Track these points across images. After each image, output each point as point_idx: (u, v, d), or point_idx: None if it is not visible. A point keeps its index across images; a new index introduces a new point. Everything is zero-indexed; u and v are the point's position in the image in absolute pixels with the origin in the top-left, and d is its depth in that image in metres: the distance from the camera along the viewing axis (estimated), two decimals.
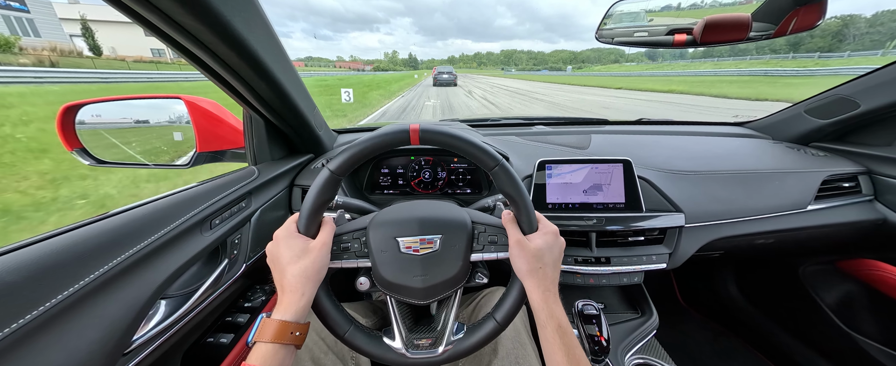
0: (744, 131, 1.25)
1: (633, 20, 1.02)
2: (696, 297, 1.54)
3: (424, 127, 0.47)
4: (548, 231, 0.51)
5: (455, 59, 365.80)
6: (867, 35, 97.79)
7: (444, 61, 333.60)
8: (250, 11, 0.49)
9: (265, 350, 0.41)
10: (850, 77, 0.97)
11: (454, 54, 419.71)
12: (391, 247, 0.51)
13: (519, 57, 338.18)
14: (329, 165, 0.47)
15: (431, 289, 0.51)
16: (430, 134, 0.47)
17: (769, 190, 0.90)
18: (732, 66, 41.69)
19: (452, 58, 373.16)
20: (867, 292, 1.02)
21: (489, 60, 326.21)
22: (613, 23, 0.97)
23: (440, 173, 1.03)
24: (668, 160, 0.98)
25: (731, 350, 1.29)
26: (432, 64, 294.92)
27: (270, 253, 0.48)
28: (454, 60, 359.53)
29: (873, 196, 0.94)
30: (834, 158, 1.00)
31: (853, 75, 0.97)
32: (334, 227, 0.51)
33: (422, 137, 0.46)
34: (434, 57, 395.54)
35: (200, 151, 0.77)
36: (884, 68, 0.88)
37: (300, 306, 0.44)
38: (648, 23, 1.00)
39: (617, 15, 0.94)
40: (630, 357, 0.74)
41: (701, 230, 0.85)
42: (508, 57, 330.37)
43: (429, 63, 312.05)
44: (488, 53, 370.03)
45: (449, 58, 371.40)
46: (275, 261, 0.47)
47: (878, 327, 1.00)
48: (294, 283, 0.44)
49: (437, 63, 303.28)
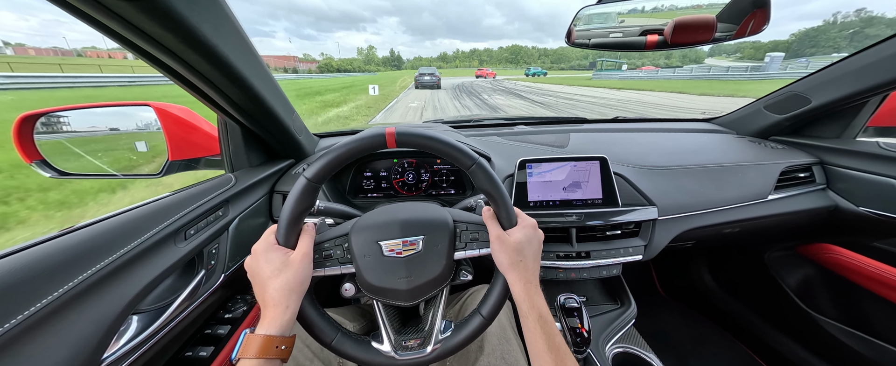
0: (711, 127, 1.32)
1: (606, 22, 1.06)
2: (674, 286, 1.61)
3: (401, 130, 0.47)
4: (526, 225, 0.53)
5: (448, 58, 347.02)
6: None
7: (435, 60, 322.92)
8: (219, 17, 0.48)
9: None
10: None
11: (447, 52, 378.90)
12: (374, 251, 0.51)
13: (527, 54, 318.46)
14: (305, 174, 0.47)
15: (417, 290, 0.52)
16: (406, 137, 0.47)
17: (734, 182, 0.95)
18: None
19: (445, 55, 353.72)
20: (824, 274, 1.10)
21: (490, 59, 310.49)
22: (584, 25, 1.01)
23: (423, 175, 1.04)
24: (641, 156, 1.03)
25: (706, 335, 1.36)
26: (419, 63, 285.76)
27: (249, 268, 0.47)
28: (447, 58, 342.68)
29: (826, 185, 1.01)
30: (791, 150, 1.07)
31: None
32: (314, 235, 0.51)
33: (398, 140, 0.47)
34: (422, 56, 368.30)
35: (173, 160, 0.74)
36: (831, 66, 0.96)
37: (285, 319, 0.44)
38: (621, 24, 1.04)
39: (586, 18, 0.97)
40: (610, 347, 0.77)
41: (673, 222, 0.90)
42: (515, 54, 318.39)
43: (415, 62, 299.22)
44: (487, 50, 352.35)
45: (441, 55, 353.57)
46: (255, 276, 0.46)
47: (833, 306, 1.08)
48: (277, 297, 0.44)
49: (423, 62, 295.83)
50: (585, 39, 1.04)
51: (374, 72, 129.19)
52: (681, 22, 0.91)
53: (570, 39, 1.04)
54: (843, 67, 0.91)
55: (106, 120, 0.87)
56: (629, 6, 0.94)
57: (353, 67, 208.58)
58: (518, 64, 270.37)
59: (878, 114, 0.98)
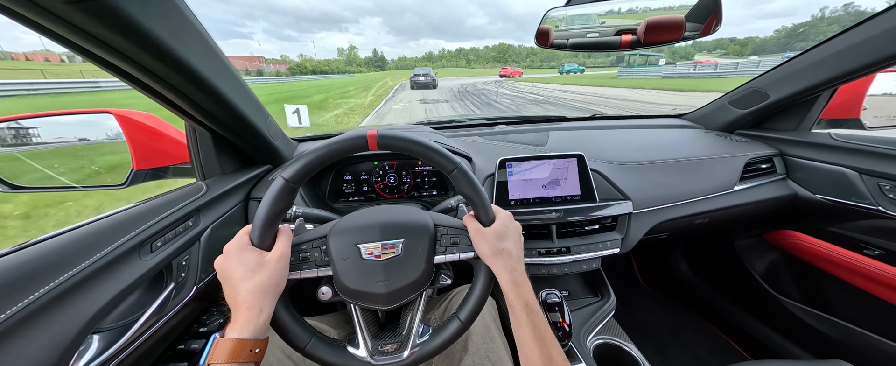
0: (681, 123, 1.38)
1: (586, 23, 1.09)
2: (654, 276, 1.67)
3: (382, 133, 0.47)
4: (502, 215, 0.54)
5: (434, 57, 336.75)
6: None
7: (421, 60, 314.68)
8: (177, 18, 0.46)
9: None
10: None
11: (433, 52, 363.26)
12: (352, 254, 0.51)
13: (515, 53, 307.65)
14: (283, 174, 0.46)
15: (395, 293, 0.51)
16: (387, 139, 0.47)
17: (702, 175, 1.00)
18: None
19: (431, 55, 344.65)
20: (787, 259, 1.17)
21: (478, 58, 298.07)
22: (554, 26, 1.04)
23: (405, 177, 1.03)
24: (617, 152, 1.06)
25: (684, 322, 1.42)
26: (404, 63, 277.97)
27: (220, 268, 0.45)
28: (433, 58, 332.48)
29: (785, 175, 1.08)
30: (753, 143, 1.13)
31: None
32: (292, 236, 0.50)
33: (379, 142, 0.46)
34: (406, 56, 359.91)
35: (138, 169, 0.71)
36: (787, 63, 1.02)
37: (259, 322, 0.42)
38: (598, 25, 1.08)
39: (555, 19, 0.99)
40: (591, 339, 0.79)
41: (647, 215, 0.93)
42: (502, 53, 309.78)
43: (400, 62, 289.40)
44: (473, 49, 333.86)
45: (426, 55, 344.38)
46: (226, 276, 0.44)
47: (797, 289, 1.15)
48: (250, 299, 0.42)
49: (408, 62, 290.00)
50: (564, 40, 1.08)
51: (354, 73, 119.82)
52: (653, 22, 0.95)
53: (548, 41, 1.07)
54: (796, 64, 0.97)
55: (66, 130, 0.82)
56: (595, 8, 0.98)
57: (330, 69, 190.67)
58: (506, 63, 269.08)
59: (829, 107, 1.05)
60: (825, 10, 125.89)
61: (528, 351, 0.46)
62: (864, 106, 1.02)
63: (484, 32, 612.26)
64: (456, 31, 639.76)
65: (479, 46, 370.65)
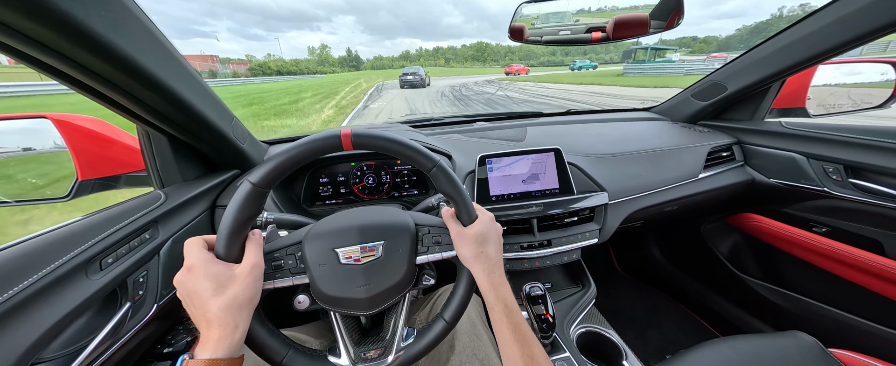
0: (649, 116, 1.44)
1: (561, 20, 1.11)
2: (630, 264, 1.75)
3: (357, 132, 0.45)
4: (485, 218, 0.54)
5: (411, 56, 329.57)
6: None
7: (397, 59, 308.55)
8: (118, 11, 0.42)
9: None
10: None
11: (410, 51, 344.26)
12: (330, 259, 0.49)
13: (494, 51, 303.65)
14: (250, 178, 0.42)
15: (377, 298, 0.50)
16: (362, 139, 0.45)
17: (670, 164, 1.05)
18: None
19: (408, 54, 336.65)
20: (748, 240, 1.26)
21: (456, 56, 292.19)
22: (526, 21, 1.06)
23: (384, 177, 1.01)
24: (592, 145, 1.09)
25: (659, 305, 1.49)
26: (380, 63, 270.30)
27: (183, 285, 0.41)
28: (410, 57, 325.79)
29: (744, 162, 1.15)
30: (714, 133, 1.21)
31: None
32: (262, 244, 0.46)
33: (354, 142, 0.44)
34: (382, 55, 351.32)
35: (83, 179, 0.64)
36: (742, 56, 1.09)
37: (234, 339, 0.39)
38: (570, 22, 1.10)
39: (528, 15, 1.01)
40: (574, 328, 0.81)
41: (622, 205, 0.96)
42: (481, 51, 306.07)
43: (375, 62, 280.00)
44: (451, 48, 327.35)
45: (403, 54, 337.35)
46: (191, 294, 0.40)
47: (757, 267, 1.24)
48: (223, 316, 0.39)
49: (385, 61, 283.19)
50: (538, 36, 1.09)
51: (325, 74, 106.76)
52: (620, 19, 0.99)
53: (523, 36, 1.08)
54: (749, 58, 1.04)
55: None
56: (564, 5, 1.00)
57: (299, 69, 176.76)
58: (485, 62, 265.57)
59: (780, 97, 1.14)
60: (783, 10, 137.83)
61: (509, 352, 0.46)
62: (808, 96, 1.11)
63: (460, 32, 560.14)
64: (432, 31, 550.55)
65: (456, 45, 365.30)
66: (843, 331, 0.97)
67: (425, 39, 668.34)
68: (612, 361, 0.75)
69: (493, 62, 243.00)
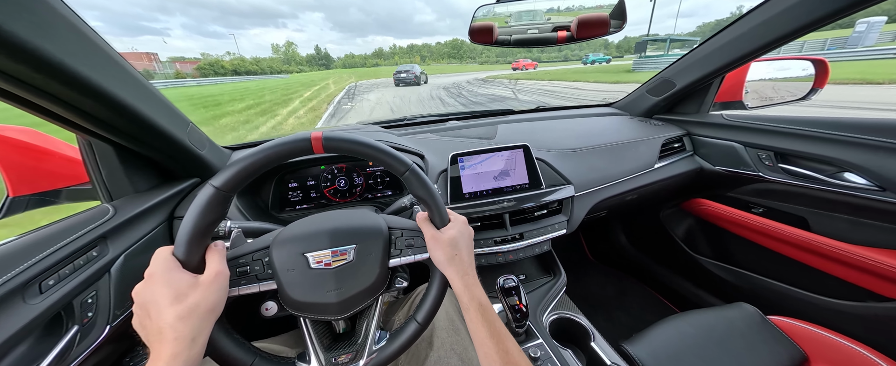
0: (611, 111, 1.53)
1: (532, 19, 1.15)
2: (600, 251, 1.85)
3: (328, 135, 0.44)
4: (458, 221, 0.55)
5: (385, 54, 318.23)
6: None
7: (370, 57, 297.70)
8: (43, 12, 0.38)
9: None
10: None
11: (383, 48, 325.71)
12: (299, 264, 0.48)
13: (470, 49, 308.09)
14: (213, 182, 0.41)
15: (349, 301, 0.49)
16: (334, 142, 0.44)
17: (629, 156, 1.12)
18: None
19: (381, 51, 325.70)
20: (699, 223, 1.38)
21: (431, 54, 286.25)
22: (509, 21, 1.09)
23: (357, 179, 1.00)
24: (558, 141, 1.14)
25: (626, 288, 1.60)
26: (351, 61, 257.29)
27: (140, 296, 0.39)
28: (384, 55, 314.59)
29: (693, 151, 1.26)
30: (667, 126, 1.30)
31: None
32: (225, 251, 0.45)
33: (325, 145, 0.44)
34: (354, 53, 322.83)
35: (15, 196, 0.58)
36: (688, 54, 1.18)
37: (192, 354, 0.37)
38: (538, 22, 1.15)
39: (486, 17, 1.04)
40: (547, 315, 0.85)
41: (587, 196, 1.02)
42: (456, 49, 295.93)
43: (347, 60, 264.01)
44: (426, 46, 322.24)
45: (376, 52, 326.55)
46: (148, 304, 0.38)
47: (708, 247, 1.36)
48: (182, 328, 0.37)
49: (357, 59, 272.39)
50: (507, 36, 1.12)
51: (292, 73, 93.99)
52: (584, 19, 1.05)
53: (492, 37, 1.11)
54: (692, 56, 1.13)
55: None
56: (523, 6, 1.04)
57: (259, 68, 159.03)
58: (462, 59, 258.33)
59: (721, 92, 1.25)
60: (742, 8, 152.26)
61: (486, 349, 0.48)
62: (745, 90, 1.23)
63: (433, 29, 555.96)
64: (404, 28, 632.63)
65: (430, 43, 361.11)
66: (779, 300, 1.09)
67: (398, 37, 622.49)
68: (581, 343, 0.79)
69: (470, 59, 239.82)
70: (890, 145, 0.80)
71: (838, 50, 24.23)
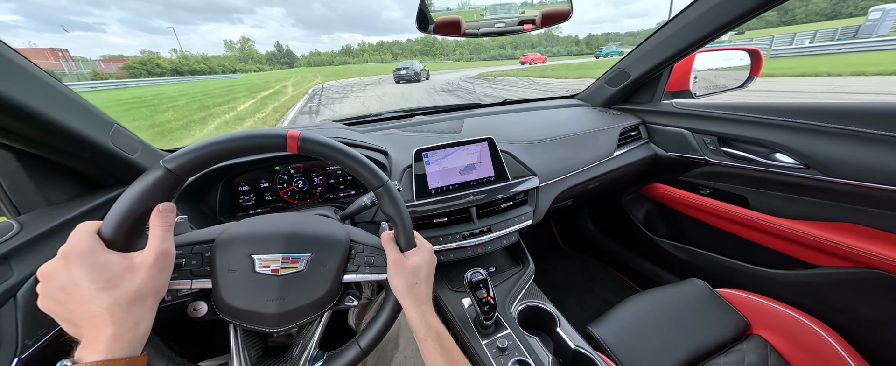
0: (573, 102, 1.58)
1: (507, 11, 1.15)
2: (570, 238, 1.92)
3: (307, 136, 0.41)
4: (424, 249, 0.53)
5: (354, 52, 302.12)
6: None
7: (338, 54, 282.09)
8: None
9: None
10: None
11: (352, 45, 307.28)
12: (243, 266, 0.44)
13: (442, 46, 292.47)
14: (166, 163, 0.36)
15: (289, 314, 0.45)
16: (311, 144, 0.41)
17: (590, 145, 1.16)
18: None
19: (350, 48, 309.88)
20: (657, 206, 1.46)
21: (403, 51, 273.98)
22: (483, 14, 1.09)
23: (316, 180, 0.95)
24: (523, 133, 1.16)
25: (594, 272, 1.67)
26: (317, 59, 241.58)
27: (56, 277, 0.33)
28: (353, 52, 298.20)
29: (648, 139, 1.33)
30: (625, 115, 1.36)
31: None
32: (173, 227, 0.39)
33: (301, 146, 0.41)
34: (319, 51, 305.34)
35: None
36: (638, 46, 1.24)
37: (137, 335, 0.34)
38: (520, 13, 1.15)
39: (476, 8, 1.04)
40: (516, 305, 0.86)
41: (551, 186, 1.04)
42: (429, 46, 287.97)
43: (312, 58, 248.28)
44: (396, 43, 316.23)
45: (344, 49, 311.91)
46: (70, 286, 0.33)
47: (664, 228, 1.45)
48: (120, 314, 0.33)
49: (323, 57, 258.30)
50: (475, 29, 1.12)
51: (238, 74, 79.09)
52: (546, 12, 1.07)
53: (461, 30, 1.10)
54: (644, 48, 1.19)
55: None
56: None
57: (208, 67, 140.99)
58: (435, 56, 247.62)
59: (670, 81, 1.32)
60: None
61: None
62: (691, 79, 1.31)
63: (402, 26, 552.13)
64: (373, 25, 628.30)
65: (401, 40, 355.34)
66: (726, 273, 1.19)
67: (366, 34, 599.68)
68: (549, 329, 0.81)
69: (443, 56, 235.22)
70: (811, 127, 0.89)
71: (849, 41, 20.80)
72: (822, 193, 0.91)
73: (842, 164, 0.83)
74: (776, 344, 0.80)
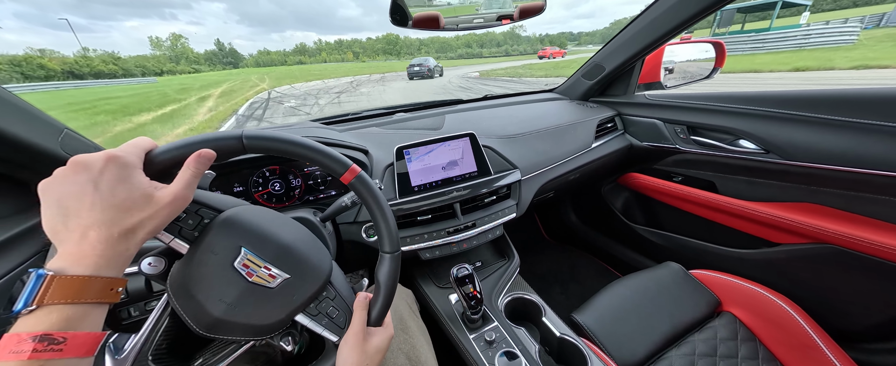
0: (552, 96, 1.60)
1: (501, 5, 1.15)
2: (554, 230, 1.96)
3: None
4: (388, 330, 0.50)
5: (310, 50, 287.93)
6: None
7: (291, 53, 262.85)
8: None
9: (64, 314, 0.28)
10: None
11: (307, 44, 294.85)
12: (226, 253, 0.40)
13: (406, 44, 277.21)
14: (245, 136, 0.39)
15: (225, 325, 0.40)
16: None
17: (568, 138, 1.19)
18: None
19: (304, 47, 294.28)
20: (634, 194, 1.52)
21: (364, 50, 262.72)
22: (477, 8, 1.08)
23: (294, 182, 0.92)
24: (504, 127, 1.16)
25: (578, 261, 1.72)
26: (267, 59, 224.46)
27: (82, 168, 0.31)
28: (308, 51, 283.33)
29: (623, 130, 1.37)
30: (601, 107, 1.40)
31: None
32: (202, 176, 0.38)
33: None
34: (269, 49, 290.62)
35: None
36: (611, 40, 1.27)
37: (124, 259, 0.32)
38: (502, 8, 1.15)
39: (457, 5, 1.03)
40: (502, 298, 0.88)
41: (533, 179, 1.06)
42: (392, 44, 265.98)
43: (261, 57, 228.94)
44: (356, 41, 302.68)
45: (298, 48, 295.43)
46: (88, 188, 0.31)
47: (641, 215, 1.51)
48: (116, 236, 0.31)
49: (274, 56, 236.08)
50: (454, 25, 1.11)
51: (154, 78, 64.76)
52: (523, 7, 1.08)
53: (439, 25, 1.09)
54: (617, 41, 1.22)
55: None
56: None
57: (120, 70, 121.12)
58: (400, 55, 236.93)
59: (643, 74, 1.37)
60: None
61: None
62: (662, 71, 1.36)
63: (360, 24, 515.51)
64: (328, 23, 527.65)
65: (361, 38, 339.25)
66: (699, 255, 1.25)
67: (322, 32, 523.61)
68: (535, 319, 0.83)
69: (408, 55, 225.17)
70: (769, 114, 0.95)
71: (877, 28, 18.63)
72: (780, 176, 0.97)
73: (797, 147, 0.89)
74: (744, 319, 0.86)
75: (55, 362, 0.26)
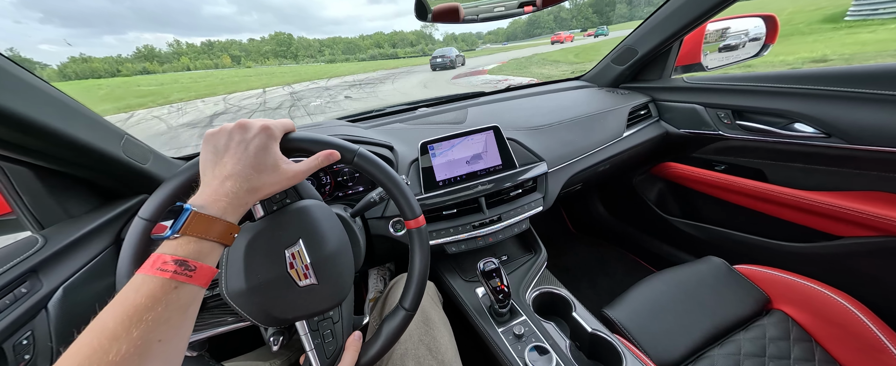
0: (579, 84, 1.53)
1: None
2: (581, 223, 1.90)
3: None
4: None
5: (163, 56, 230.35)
6: None
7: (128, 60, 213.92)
8: None
9: (198, 246, 0.33)
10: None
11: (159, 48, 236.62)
12: (288, 236, 0.44)
13: (303, 45, 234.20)
14: (358, 152, 0.45)
15: (243, 296, 0.42)
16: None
17: (598, 128, 1.13)
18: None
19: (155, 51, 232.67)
20: (669, 185, 1.43)
21: (248, 54, 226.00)
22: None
23: (324, 179, 0.95)
24: (528, 119, 1.13)
25: (607, 255, 1.66)
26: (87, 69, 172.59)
27: (242, 128, 0.39)
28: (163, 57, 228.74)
29: (658, 117, 1.29)
30: (633, 94, 1.32)
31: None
32: (322, 165, 0.44)
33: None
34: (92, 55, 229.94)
35: None
36: (645, 21, 1.19)
37: (240, 211, 0.37)
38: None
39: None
40: (530, 292, 0.87)
41: (560, 172, 1.03)
42: (284, 46, 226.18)
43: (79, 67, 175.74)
44: (234, 42, 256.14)
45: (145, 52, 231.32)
46: (241, 144, 0.38)
47: (677, 207, 1.42)
48: (244, 190, 0.37)
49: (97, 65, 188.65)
50: (474, 15, 1.09)
51: None
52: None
53: (458, 17, 1.07)
54: (651, 22, 1.14)
55: None
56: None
57: None
58: (297, 58, 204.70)
59: (680, 55, 1.27)
60: None
61: None
62: (703, 52, 1.26)
63: (237, 25, 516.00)
64: (191, 23, 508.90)
65: (240, 40, 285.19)
66: (744, 249, 1.16)
67: (183, 33, 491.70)
68: (565, 314, 0.81)
69: (308, 58, 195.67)
70: (831, 93, 0.85)
71: None
72: (844, 162, 0.87)
73: (864, 130, 0.79)
74: (798, 318, 0.79)
75: (184, 286, 0.31)
